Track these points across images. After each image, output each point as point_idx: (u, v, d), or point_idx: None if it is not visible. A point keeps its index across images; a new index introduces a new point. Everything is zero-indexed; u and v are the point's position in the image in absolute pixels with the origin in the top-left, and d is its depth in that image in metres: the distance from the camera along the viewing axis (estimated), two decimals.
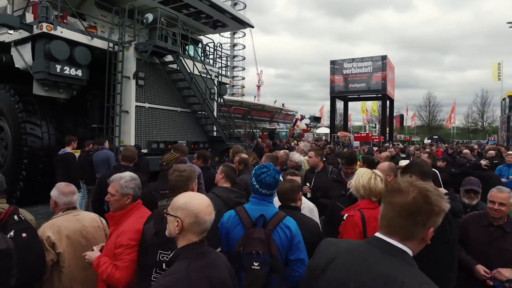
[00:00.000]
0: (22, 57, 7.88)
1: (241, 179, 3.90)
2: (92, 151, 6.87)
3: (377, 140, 24.20)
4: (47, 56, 7.39)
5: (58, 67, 7.53)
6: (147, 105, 8.85)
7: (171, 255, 1.64)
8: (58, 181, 3.57)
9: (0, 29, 8.30)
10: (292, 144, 19.54)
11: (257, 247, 2.01)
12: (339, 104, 44.19)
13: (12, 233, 2.12)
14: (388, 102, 32.93)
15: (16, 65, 8.05)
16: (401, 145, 16.05)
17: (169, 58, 9.12)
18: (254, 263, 1.99)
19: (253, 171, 2.37)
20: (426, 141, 32.73)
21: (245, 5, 55.25)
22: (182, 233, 1.55)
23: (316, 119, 35.76)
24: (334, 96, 33.38)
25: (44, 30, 7.21)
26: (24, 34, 7.64)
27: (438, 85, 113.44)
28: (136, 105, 8.54)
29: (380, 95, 31.70)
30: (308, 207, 3.04)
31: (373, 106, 49.79)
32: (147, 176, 5.61)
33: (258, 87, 65.97)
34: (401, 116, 55.16)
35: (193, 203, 1.58)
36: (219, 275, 1.56)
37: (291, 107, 48.87)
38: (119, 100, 8.31)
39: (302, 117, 35.29)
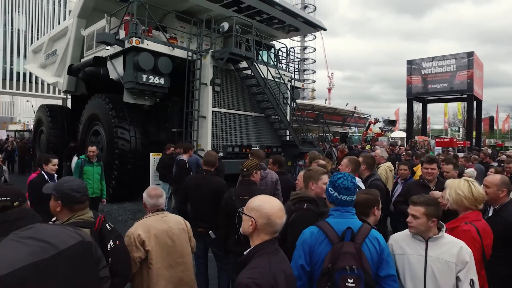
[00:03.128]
0: (115, 69, 8.74)
1: None
2: (175, 153, 7.28)
3: (463, 145, 21.97)
4: (135, 67, 8.09)
5: (144, 76, 8.19)
6: (223, 110, 9.16)
7: (249, 250, 1.70)
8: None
9: (100, 46, 9.32)
10: (366, 148, 18.68)
11: (350, 262, 1.87)
12: (417, 106, 41.24)
13: (111, 242, 2.19)
14: (475, 103, 29.79)
15: (110, 76, 8.94)
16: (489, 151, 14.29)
17: (244, 64, 9.34)
18: (349, 280, 1.84)
19: (329, 181, 2.27)
20: None
21: (315, 8, 54.73)
22: (255, 232, 1.70)
23: (391, 123, 33.72)
24: (411, 98, 31.24)
25: (134, 44, 7.92)
26: (117, 48, 8.48)
27: None
28: (212, 111, 8.86)
29: (465, 95, 28.81)
30: None
31: (458, 107, 45.40)
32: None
33: (329, 89, 64.76)
34: (491, 119, 49.51)
35: (266, 206, 1.71)
36: (289, 270, 1.72)
37: (361, 110, 47.08)
38: (197, 105, 8.75)
39: (376, 121, 33.54)
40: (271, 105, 9.78)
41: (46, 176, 4.51)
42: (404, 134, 36.85)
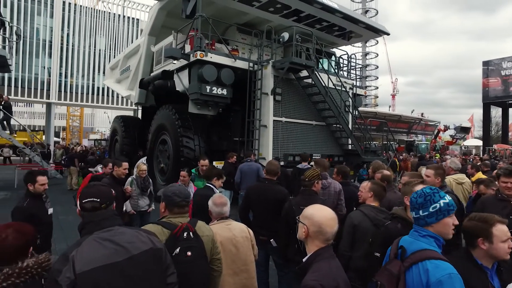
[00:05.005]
0: (181, 82, 9.25)
1: (385, 199, 3.62)
2: (249, 159, 7.45)
3: None
4: (199, 79, 8.46)
5: (208, 88, 8.54)
6: (283, 119, 9.19)
7: (308, 256, 1.80)
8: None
9: (168, 60, 9.96)
10: (436, 157, 17.43)
11: (381, 278, 1.77)
12: (495, 112, 37.45)
13: (178, 250, 2.18)
14: None
15: (177, 88, 9.48)
16: None
17: (304, 73, 9.32)
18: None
19: None
20: None
21: (377, 12, 52.95)
22: (309, 239, 1.82)
23: (463, 130, 31.04)
24: (489, 102, 28.48)
25: (198, 57, 8.32)
26: (183, 62, 8.98)
27: None
28: (273, 120, 8.93)
29: None
30: None
31: None
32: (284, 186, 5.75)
33: (393, 96, 61.86)
34: None
35: (318, 214, 1.82)
36: (345, 275, 1.80)
37: (429, 116, 44.09)
38: (258, 115, 8.90)
39: (446, 128, 31.13)
40: (332, 114, 9.61)
41: (213, 188, 4.17)
42: (479, 142, 33.75)
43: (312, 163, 7.11)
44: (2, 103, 13.59)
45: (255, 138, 8.88)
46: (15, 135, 15.71)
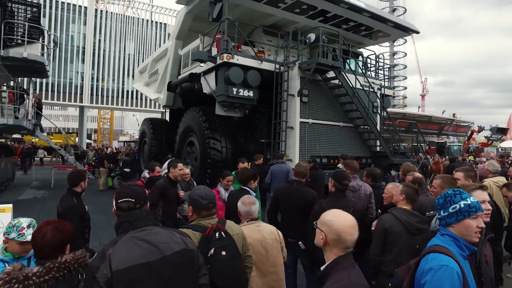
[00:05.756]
0: (208, 84, 9.36)
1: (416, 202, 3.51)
2: (281, 161, 7.44)
3: None
4: (226, 81, 8.53)
5: (234, 90, 8.58)
6: (310, 120, 9.10)
7: (326, 265, 1.71)
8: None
9: (195, 63, 10.13)
10: (469, 159, 16.73)
11: (399, 269, 1.91)
12: None
13: (212, 250, 2.18)
14: None
15: (204, 91, 9.61)
16: None
17: (331, 74, 9.20)
18: (390, 281, 1.98)
19: None
20: None
21: (405, 10, 51.51)
22: (327, 246, 1.71)
23: (500, 131, 29.64)
24: None
25: (225, 59, 8.40)
26: (210, 65, 9.08)
27: None
28: (300, 121, 8.86)
29: None
30: None
31: None
32: (323, 189, 5.68)
33: (423, 96, 60.04)
34: None
35: (337, 221, 1.69)
36: (366, 282, 1.72)
37: (461, 117, 42.44)
38: (285, 116, 8.85)
39: (480, 129, 29.82)
40: (360, 115, 9.44)
41: (249, 190, 4.12)
42: None
43: (339, 164, 7.04)
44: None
45: (282, 140, 8.84)
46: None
